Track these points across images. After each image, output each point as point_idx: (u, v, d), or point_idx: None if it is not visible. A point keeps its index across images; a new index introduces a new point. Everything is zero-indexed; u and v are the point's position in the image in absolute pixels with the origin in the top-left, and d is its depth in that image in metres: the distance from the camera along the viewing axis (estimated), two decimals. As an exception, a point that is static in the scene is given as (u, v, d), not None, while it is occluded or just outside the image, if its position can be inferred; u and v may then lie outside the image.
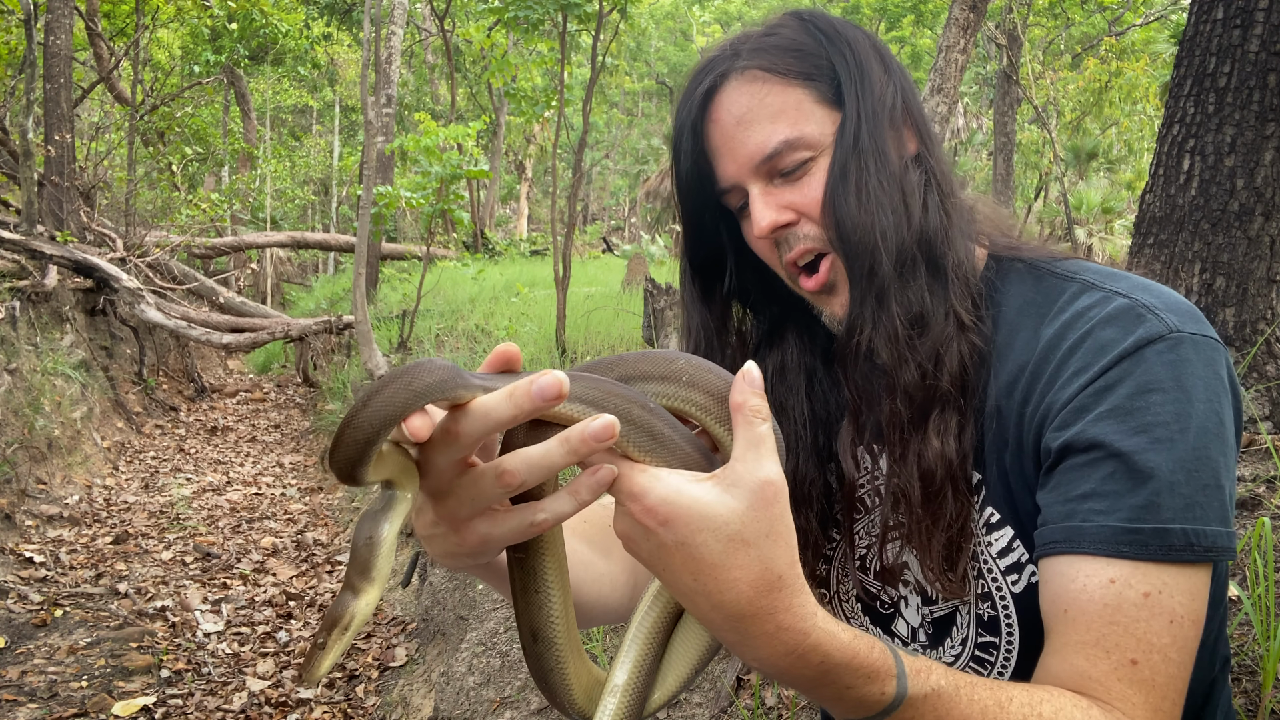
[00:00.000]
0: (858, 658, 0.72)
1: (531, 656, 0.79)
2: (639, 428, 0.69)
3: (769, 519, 0.68)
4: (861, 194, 0.97)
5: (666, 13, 38.45)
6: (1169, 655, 0.82)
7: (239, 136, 21.34)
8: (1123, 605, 0.82)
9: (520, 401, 0.64)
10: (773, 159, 1.00)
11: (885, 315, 0.97)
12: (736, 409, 0.71)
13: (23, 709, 3.82)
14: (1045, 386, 0.91)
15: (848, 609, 1.13)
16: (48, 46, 10.80)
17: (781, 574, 0.69)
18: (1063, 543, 0.86)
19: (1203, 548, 0.83)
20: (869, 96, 1.00)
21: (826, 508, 1.11)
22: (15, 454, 6.55)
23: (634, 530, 0.71)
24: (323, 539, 6.46)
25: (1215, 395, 0.86)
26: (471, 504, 0.69)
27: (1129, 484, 0.83)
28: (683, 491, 0.68)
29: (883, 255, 0.97)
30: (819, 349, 1.13)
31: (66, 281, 9.56)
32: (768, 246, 1.05)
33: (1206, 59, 3.18)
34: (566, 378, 0.64)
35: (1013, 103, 16.19)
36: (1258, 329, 3.14)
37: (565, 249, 7.34)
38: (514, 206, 32.35)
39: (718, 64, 1.04)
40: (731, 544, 0.68)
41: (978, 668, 1.01)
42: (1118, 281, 0.94)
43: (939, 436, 0.96)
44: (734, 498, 0.68)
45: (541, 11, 7.22)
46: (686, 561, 0.69)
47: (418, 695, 3.88)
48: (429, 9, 22.37)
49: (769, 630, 0.70)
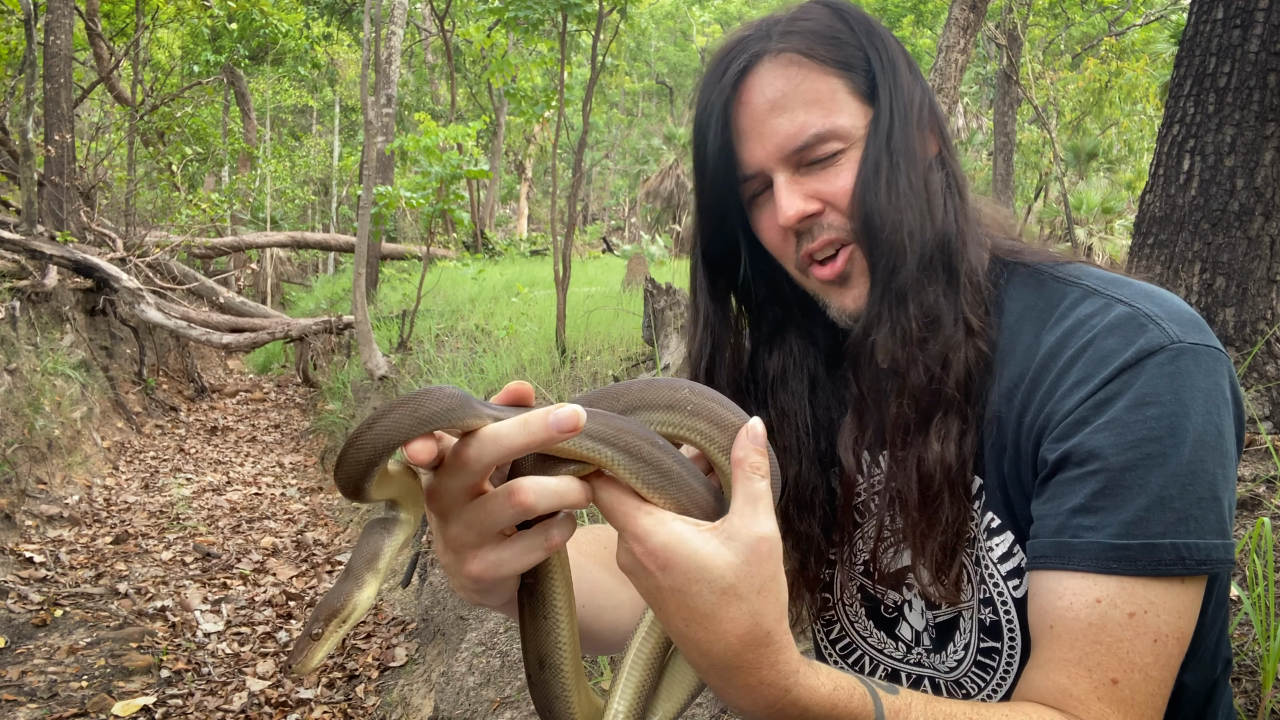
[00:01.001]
0: (835, 710, 0.74)
1: (537, 684, 0.79)
2: (649, 465, 0.70)
3: (762, 575, 0.70)
4: (892, 191, 0.97)
5: (666, 13, 38.45)
6: (1150, 674, 0.83)
7: (239, 136, 21.33)
8: (1107, 625, 0.83)
9: (535, 430, 0.64)
10: (805, 149, 0.98)
11: (903, 314, 0.97)
12: (738, 464, 0.72)
13: (23, 709, 3.82)
14: (1045, 396, 0.91)
15: (851, 613, 1.12)
16: (48, 46, 10.79)
17: (770, 630, 0.71)
18: (1052, 558, 0.86)
19: (1194, 561, 0.83)
20: (900, 94, 0.99)
21: (830, 514, 1.10)
22: (15, 454, 6.55)
23: (634, 568, 0.72)
24: (323, 539, 6.46)
25: (1214, 407, 0.85)
26: (480, 529, 0.69)
27: (1120, 499, 0.84)
28: (684, 540, 0.69)
29: (908, 253, 0.96)
30: (822, 354, 1.12)
31: (66, 281, 9.56)
32: (781, 237, 1.03)
33: (1206, 59, 3.18)
34: (584, 411, 0.65)
35: (1013, 103, 16.19)
36: (1258, 329, 3.14)
37: (565, 249, 7.34)
38: (514, 206, 32.34)
39: (750, 44, 1.00)
40: (725, 596, 0.69)
41: (980, 673, 1.01)
42: (1120, 288, 0.93)
43: (940, 441, 0.95)
44: (731, 551, 0.69)
45: (541, 11, 7.22)
46: (680, 608, 0.70)
47: (418, 695, 3.88)
48: (429, 9, 22.36)
49: (751, 683, 0.72)
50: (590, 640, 1.03)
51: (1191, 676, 0.95)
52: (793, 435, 1.09)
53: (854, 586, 1.11)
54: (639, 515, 0.70)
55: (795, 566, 1.12)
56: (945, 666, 1.03)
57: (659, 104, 44.62)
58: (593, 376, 5.86)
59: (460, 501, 0.69)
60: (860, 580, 1.10)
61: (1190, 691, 0.96)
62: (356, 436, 0.66)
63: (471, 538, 0.70)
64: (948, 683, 1.04)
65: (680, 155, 27.47)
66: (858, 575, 1.11)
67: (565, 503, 0.68)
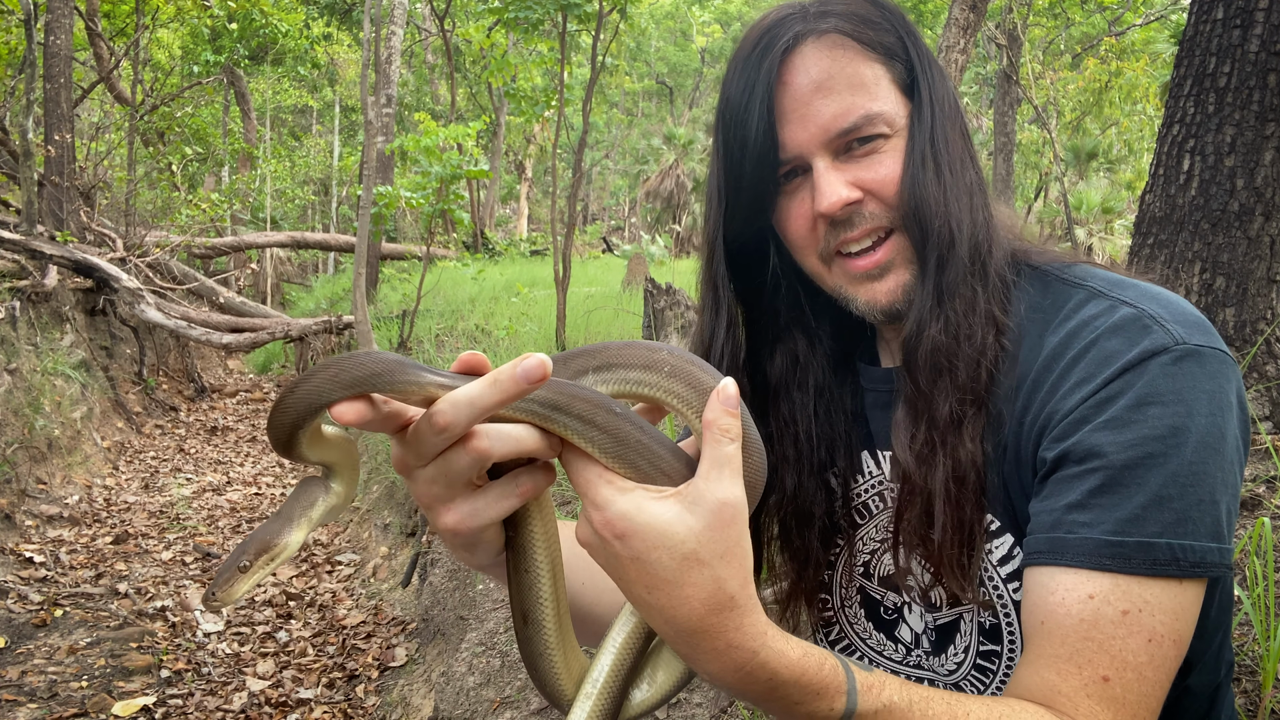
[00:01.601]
0: (805, 675, 0.73)
1: (522, 640, 0.80)
2: (605, 432, 0.70)
3: (725, 540, 0.69)
4: (942, 182, 0.95)
5: (666, 13, 38.46)
6: (1144, 674, 0.81)
7: (239, 136, 21.34)
8: (1099, 621, 0.81)
9: (505, 385, 0.65)
10: (851, 131, 0.94)
11: (952, 309, 0.95)
12: (708, 426, 0.71)
13: (23, 709, 3.82)
14: (1046, 396, 0.90)
15: (850, 614, 1.11)
16: (48, 46, 10.79)
17: (734, 594, 0.70)
18: (1046, 553, 0.85)
19: (1189, 563, 0.81)
20: (938, 89, 0.98)
21: (828, 523, 1.09)
22: (15, 454, 6.55)
23: (592, 539, 0.72)
24: (323, 539, 6.46)
25: (1219, 409, 0.84)
26: (446, 481, 0.70)
27: (1117, 497, 0.82)
28: (642, 508, 0.69)
29: (958, 246, 0.95)
30: (828, 359, 1.09)
31: (66, 281, 9.55)
32: (809, 227, 0.99)
33: (1206, 59, 3.17)
34: (549, 359, 0.65)
35: (1013, 103, 16.19)
36: (1258, 329, 3.14)
37: (565, 249, 7.34)
38: (514, 206, 32.34)
39: (790, 23, 0.96)
40: (686, 562, 0.69)
41: (980, 676, 1.00)
42: (1125, 290, 0.92)
43: (972, 440, 0.94)
44: (693, 516, 0.69)
45: (541, 11, 7.22)
46: (641, 575, 0.70)
47: (418, 695, 3.88)
48: (429, 9, 22.36)
49: (719, 647, 0.71)
50: (594, 623, 1.02)
51: (1196, 680, 0.94)
52: (791, 445, 1.07)
53: (853, 588, 1.10)
54: (599, 484, 0.70)
55: (794, 579, 1.10)
56: (944, 670, 1.03)
57: (659, 104, 44.62)
58: (593, 376, 5.85)
59: (425, 463, 0.70)
60: (860, 581, 1.09)
61: (1194, 695, 0.96)
62: (280, 399, 0.68)
63: (440, 490, 0.71)
64: (946, 686, 1.03)
65: (680, 155, 27.47)
66: (857, 576, 1.09)
67: (523, 447, 0.69)
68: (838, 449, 1.08)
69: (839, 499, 1.09)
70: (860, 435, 1.10)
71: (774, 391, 1.09)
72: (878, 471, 1.08)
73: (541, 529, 0.77)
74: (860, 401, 1.10)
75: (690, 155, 27.43)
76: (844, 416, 1.09)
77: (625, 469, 0.71)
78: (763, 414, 1.09)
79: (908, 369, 0.98)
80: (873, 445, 1.09)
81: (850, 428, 1.09)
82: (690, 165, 27.20)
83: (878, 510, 1.07)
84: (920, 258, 0.97)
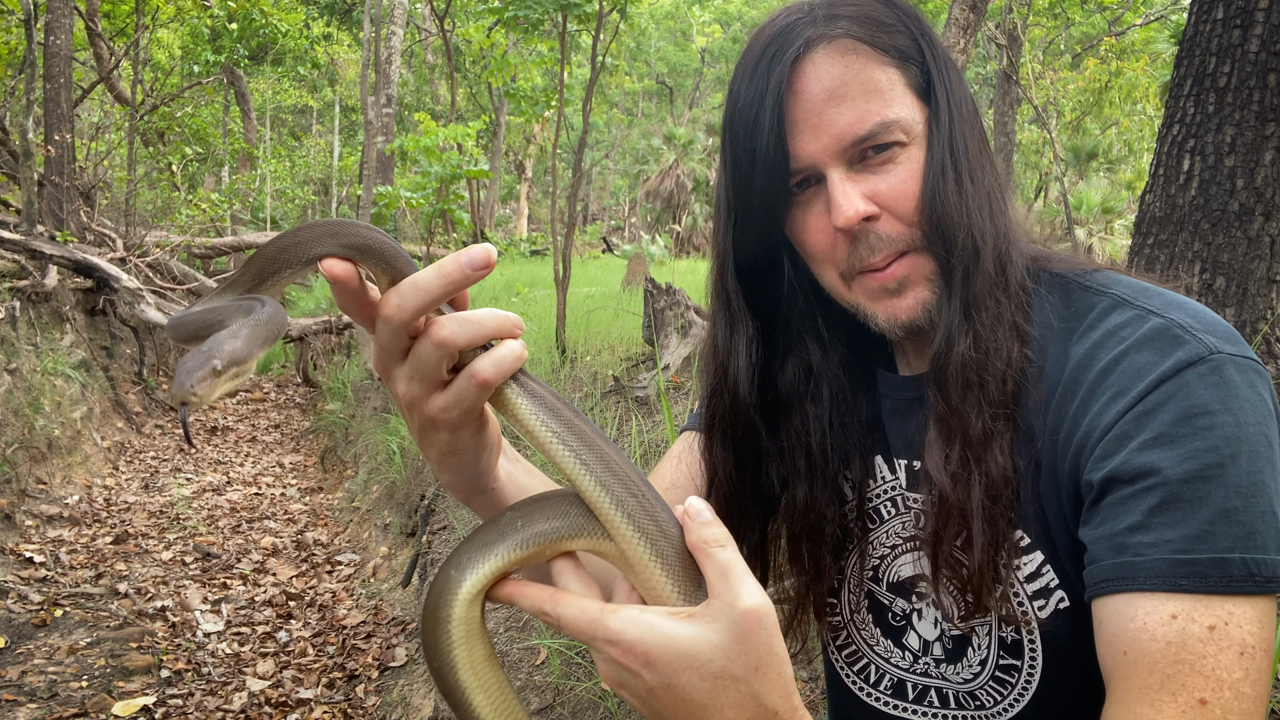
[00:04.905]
0: None
1: None
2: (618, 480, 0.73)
3: (755, 651, 0.66)
4: (962, 192, 0.92)
5: (666, 13, 38.47)
6: (1241, 690, 0.75)
7: (239, 136, 21.34)
8: (1187, 641, 0.76)
9: (450, 273, 0.67)
10: (867, 139, 0.91)
11: (979, 323, 0.92)
12: (696, 548, 0.70)
13: (23, 709, 3.82)
14: (1078, 410, 0.87)
15: (859, 619, 1.10)
16: (48, 46, 10.79)
17: (776, 709, 0.67)
18: (1115, 580, 0.80)
19: (1264, 578, 0.77)
20: (955, 92, 0.95)
21: (840, 535, 1.07)
22: (15, 454, 6.55)
23: (620, 675, 0.69)
24: (323, 539, 6.46)
25: (1263, 418, 0.81)
26: (419, 377, 0.72)
27: (1180, 513, 0.78)
28: (656, 629, 0.67)
29: (982, 258, 0.91)
30: (842, 370, 1.06)
31: (66, 281, 9.55)
32: (830, 241, 0.95)
33: (1206, 59, 3.18)
34: (494, 249, 0.68)
35: (1013, 103, 16.20)
36: (1258, 329, 3.14)
37: (565, 249, 7.34)
38: (514, 206, 32.34)
39: (800, 28, 0.92)
40: (719, 682, 0.66)
41: (997, 688, 0.98)
42: (1151, 298, 0.89)
43: (1002, 454, 0.90)
44: (715, 633, 0.66)
45: (541, 11, 7.22)
46: (677, 704, 0.67)
47: (418, 695, 3.88)
48: (429, 9, 22.36)
49: None
50: None
51: None
52: (803, 457, 1.05)
53: (861, 592, 1.09)
54: (605, 618, 0.68)
55: (802, 590, 1.09)
56: (959, 678, 1.01)
57: (659, 104, 44.63)
58: (593, 376, 5.85)
59: (398, 359, 0.72)
60: (869, 585, 1.08)
61: None
62: (279, 239, 0.75)
63: (416, 389, 0.73)
64: (960, 693, 1.01)
65: (680, 155, 27.47)
66: (866, 581, 1.08)
67: (484, 330, 0.70)
68: (852, 456, 1.06)
69: (851, 504, 1.07)
70: (875, 440, 1.08)
71: (785, 404, 1.06)
72: (891, 477, 1.06)
73: (475, 674, 0.76)
74: (877, 408, 1.08)
75: (690, 155, 27.44)
76: (859, 423, 1.06)
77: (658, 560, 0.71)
78: (773, 427, 1.06)
79: (938, 386, 0.94)
80: (888, 451, 1.07)
81: (865, 434, 1.07)
82: (690, 165, 27.21)
83: (889, 516, 1.06)
84: (944, 271, 0.94)
